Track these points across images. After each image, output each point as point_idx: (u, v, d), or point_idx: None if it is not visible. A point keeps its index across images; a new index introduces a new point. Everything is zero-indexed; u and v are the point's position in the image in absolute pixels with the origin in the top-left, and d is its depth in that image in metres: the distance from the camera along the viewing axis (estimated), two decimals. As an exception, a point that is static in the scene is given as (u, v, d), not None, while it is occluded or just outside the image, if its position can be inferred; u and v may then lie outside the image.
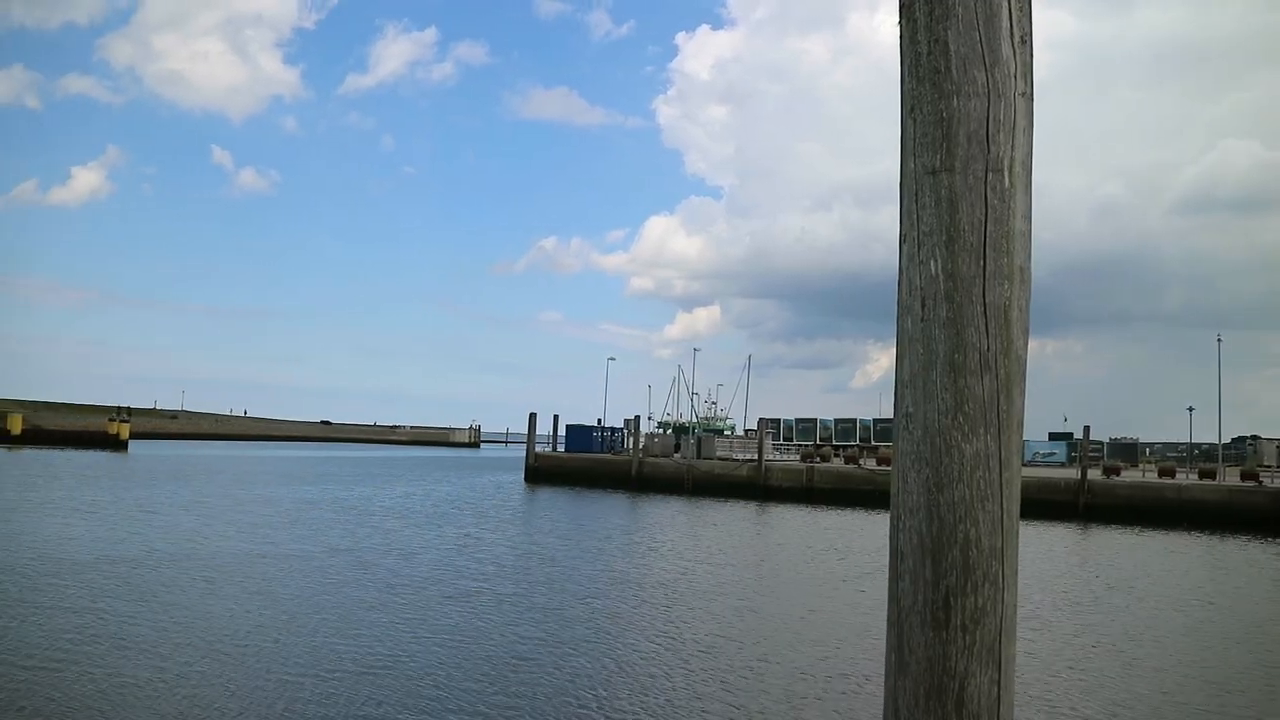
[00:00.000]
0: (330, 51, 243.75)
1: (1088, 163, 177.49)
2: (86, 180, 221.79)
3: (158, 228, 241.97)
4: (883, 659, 2.05)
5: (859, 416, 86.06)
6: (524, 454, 68.70)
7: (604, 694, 13.09)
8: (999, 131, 1.94)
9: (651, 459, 62.56)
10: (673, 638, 16.72)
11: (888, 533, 2.05)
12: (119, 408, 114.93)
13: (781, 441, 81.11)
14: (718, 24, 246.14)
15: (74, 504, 37.10)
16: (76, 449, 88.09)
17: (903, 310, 2.00)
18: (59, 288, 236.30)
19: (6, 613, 16.73)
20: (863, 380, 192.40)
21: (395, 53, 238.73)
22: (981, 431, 1.91)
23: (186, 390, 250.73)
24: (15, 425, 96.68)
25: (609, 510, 45.77)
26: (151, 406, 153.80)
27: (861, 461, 60.29)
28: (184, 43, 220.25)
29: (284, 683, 12.90)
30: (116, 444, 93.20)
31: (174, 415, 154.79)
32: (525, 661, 14.64)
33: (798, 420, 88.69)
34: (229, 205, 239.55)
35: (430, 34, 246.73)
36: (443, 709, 12.07)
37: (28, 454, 77.06)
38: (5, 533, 27.00)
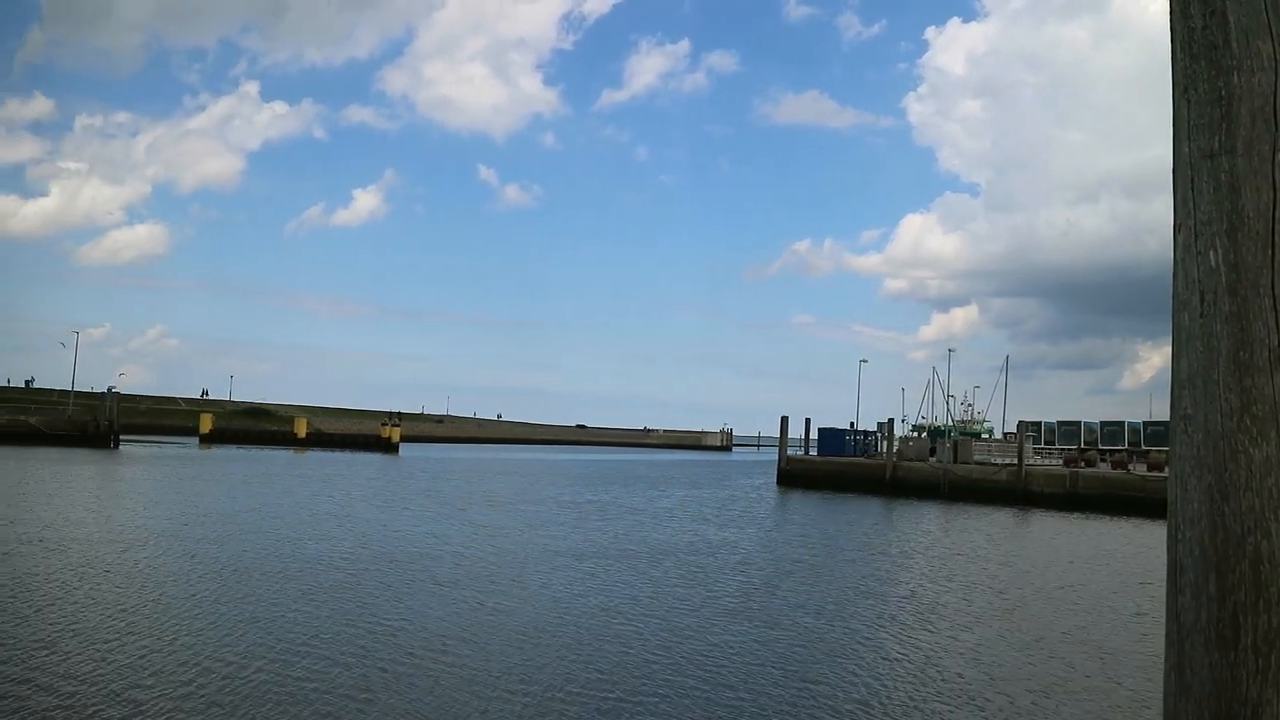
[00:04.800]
0: (587, 69, 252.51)
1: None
2: (366, 202, 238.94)
3: (429, 244, 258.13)
4: (1160, 677, 1.92)
5: (1127, 419, 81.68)
6: (775, 457, 68.65)
7: (874, 702, 12.93)
8: (1287, 108, 1.78)
9: (906, 463, 61.28)
10: (945, 650, 16.34)
11: (1163, 544, 1.92)
12: (390, 413, 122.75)
13: (1042, 445, 77.77)
14: (969, 16, 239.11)
15: (390, 500, 40.67)
16: (353, 451, 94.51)
17: (1179, 305, 1.86)
18: (341, 302, 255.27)
19: (391, 598, 18.83)
20: (1132, 381, 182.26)
21: (649, 66, 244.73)
22: (1272, 435, 1.76)
23: (451, 396, 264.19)
24: (300, 429, 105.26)
25: (865, 515, 45.33)
26: (419, 411, 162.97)
27: (1131, 467, 56.94)
28: (452, 69, 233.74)
29: (614, 677, 13.48)
30: (388, 447, 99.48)
31: (440, 420, 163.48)
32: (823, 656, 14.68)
33: (1060, 423, 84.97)
34: (494, 220, 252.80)
35: (683, 46, 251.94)
36: (749, 702, 12.27)
37: (312, 455, 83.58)
38: (356, 528, 30.08)
